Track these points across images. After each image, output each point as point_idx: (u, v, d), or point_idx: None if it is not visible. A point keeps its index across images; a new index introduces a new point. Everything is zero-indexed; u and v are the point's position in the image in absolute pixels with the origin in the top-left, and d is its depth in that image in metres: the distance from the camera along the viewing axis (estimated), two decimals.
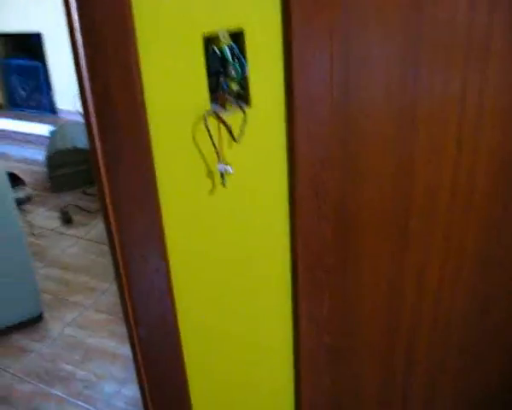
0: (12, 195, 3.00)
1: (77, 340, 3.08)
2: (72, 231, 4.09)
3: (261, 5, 1.01)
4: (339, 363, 1.60)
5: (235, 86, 1.05)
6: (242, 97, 1.06)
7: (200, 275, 1.17)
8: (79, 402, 2.70)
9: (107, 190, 1.02)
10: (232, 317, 1.26)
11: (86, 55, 0.93)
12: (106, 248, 2.48)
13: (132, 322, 1.14)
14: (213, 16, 0.99)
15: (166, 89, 1.01)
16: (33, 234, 4.09)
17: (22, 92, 5.79)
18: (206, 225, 1.13)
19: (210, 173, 1.09)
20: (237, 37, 1.03)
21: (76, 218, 4.23)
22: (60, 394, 2.76)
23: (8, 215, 2.96)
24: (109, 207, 1.04)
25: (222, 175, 1.08)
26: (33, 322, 3.19)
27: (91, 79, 0.95)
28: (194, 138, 1.06)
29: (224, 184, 1.08)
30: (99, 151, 1.00)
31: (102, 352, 2.95)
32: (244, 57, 1.03)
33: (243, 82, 1.05)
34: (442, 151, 1.50)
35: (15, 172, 4.60)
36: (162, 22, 0.97)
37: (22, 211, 4.34)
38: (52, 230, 4.12)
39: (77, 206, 4.34)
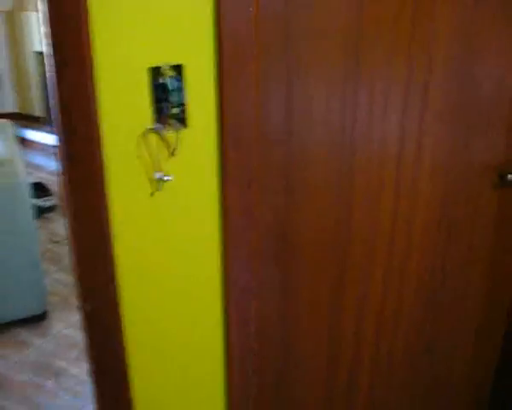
0: (35, 204, 3.29)
1: (75, 340, 3.32)
2: None
3: (199, 45, 1.26)
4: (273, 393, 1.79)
5: (175, 110, 1.29)
6: (181, 120, 1.30)
7: (142, 265, 1.39)
8: (69, 397, 2.92)
9: (66, 188, 1.27)
10: (169, 313, 1.48)
11: (53, 87, 1.18)
12: None
13: (82, 298, 1.36)
14: (159, 53, 1.24)
15: (118, 110, 1.25)
16: (52, 241, 4.38)
17: None
18: (146, 223, 1.36)
19: (150, 180, 1.32)
20: (179, 69, 1.27)
21: None
22: (52, 387, 2.99)
23: (26, 220, 3.25)
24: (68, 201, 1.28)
25: (159, 181, 1.31)
26: (37, 319, 3.46)
27: (58, 97, 1.20)
28: (139, 150, 1.30)
29: (159, 189, 1.31)
30: (63, 161, 1.25)
31: None
32: (183, 87, 1.27)
33: (182, 107, 1.29)
34: (381, 190, 1.68)
35: (44, 182, 4.94)
36: (117, 58, 1.22)
37: (45, 219, 4.65)
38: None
39: None
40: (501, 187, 1.76)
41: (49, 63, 1.18)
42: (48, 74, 1.23)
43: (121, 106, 1.24)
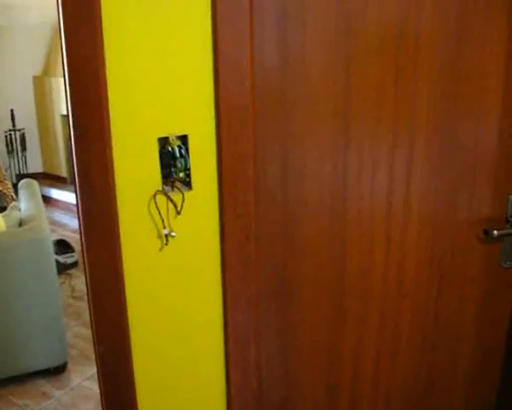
0: (58, 260, 3.51)
1: (92, 392, 3.48)
2: None
3: (201, 117, 1.47)
4: None
5: (181, 174, 1.49)
6: (187, 183, 1.50)
7: (150, 311, 1.57)
8: None
9: (85, 245, 1.46)
10: (174, 353, 1.65)
11: (76, 153, 1.40)
12: None
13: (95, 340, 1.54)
14: (166, 125, 1.45)
15: (131, 174, 1.46)
16: (73, 296, 4.58)
17: None
18: (155, 274, 1.54)
19: (159, 236, 1.51)
20: (184, 139, 1.47)
21: None
22: None
23: (49, 275, 3.46)
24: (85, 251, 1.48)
25: (166, 237, 1.50)
26: (57, 371, 3.63)
27: (78, 168, 1.41)
28: (149, 209, 1.49)
29: (167, 244, 1.50)
30: (81, 213, 1.45)
31: None
32: (188, 154, 1.48)
33: (187, 172, 1.49)
34: (372, 242, 1.85)
35: (67, 240, 5.18)
36: (132, 129, 1.43)
37: (67, 275, 4.87)
38: None
39: None
40: (487, 242, 1.91)
41: (72, 131, 1.39)
42: (70, 141, 1.44)
43: (134, 170, 1.45)
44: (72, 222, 6.19)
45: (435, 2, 1.63)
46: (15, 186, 4.93)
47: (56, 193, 6.60)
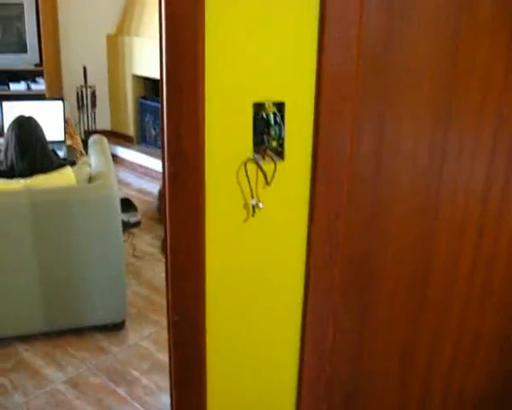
0: (121, 218, 3.51)
1: (148, 352, 3.48)
2: None
3: (300, 85, 1.38)
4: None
5: (274, 143, 1.40)
6: (279, 152, 1.41)
7: (229, 283, 1.51)
8: (138, 405, 3.06)
9: (168, 210, 1.40)
10: (250, 326, 1.58)
11: (167, 111, 1.33)
12: None
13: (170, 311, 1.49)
14: (263, 90, 1.37)
15: (222, 139, 1.39)
16: (135, 256, 4.60)
17: (153, 131, 6.50)
18: (237, 246, 1.47)
19: (246, 205, 1.44)
20: (280, 106, 1.38)
21: None
22: (123, 394, 3.15)
23: (115, 233, 3.46)
24: (168, 218, 1.41)
25: (253, 208, 1.43)
26: (115, 328, 3.64)
27: (168, 130, 1.34)
28: (237, 177, 1.42)
29: (253, 215, 1.43)
30: (167, 180, 1.38)
31: (167, 367, 3.32)
32: (283, 123, 1.39)
33: (281, 141, 1.40)
34: (463, 235, 1.74)
35: (131, 199, 5.20)
36: (227, 91, 1.35)
37: (130, 233, 4.88)
38: (151, 255, 4.63)
39: None
40: None
41: (164, 89, 1.32)
42: (162, 100, 1.37)
43: (226, 135, 1.37)
44: (137, 181, 6.22)
45: None
46: (84, 142, 4.96)
47: (122, 151, 6.63)
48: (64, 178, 3.48)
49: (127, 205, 5.07)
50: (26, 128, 3.50)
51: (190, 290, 1.45)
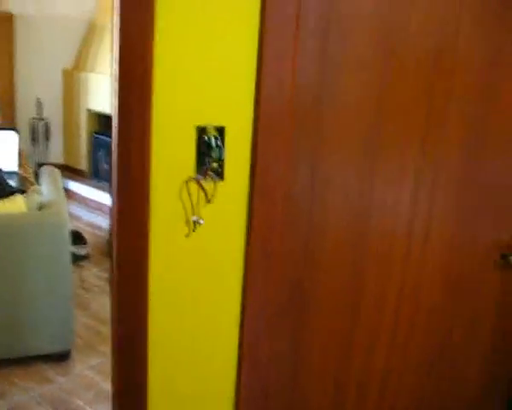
0: (70, 250, 3.59)
1: (94, 381, 3.53)
2: None
3: (240, 112, 1.54)
4: None
5: (215, 164, 1.56)
6: (219, 173, 1.57)
7: (171, 293, 1.63)
8: None
9: (116, 223, 1.53)
10: (189, 340, 1.71)
11: (118, 131, 1.47)
12: None
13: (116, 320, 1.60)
14: (206, 115, 1.53)
15: (167, 159, 1.53)
16: (83, 287, 4.65)
17: (105, 165, 6.59)
18: (179, 259, 1.61)
19: (187, 222, 1.58)
20: (221, 130, 1.54)
21: None
22: None
23: (63, 262, 3.53)
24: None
25: (194, 224, 1.57)
26: (61, 358, 3.68)
27: (119, 148, 1.48)
28: (180, 195, 1.56)
29: (194, 230, 1.57)
30: (115, 190, 1.52)
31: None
32: (223, 145, 1.55)
33: (221, 162, 1.56)
34: (390, 264, 1.90)
35: (81, 232, 5.26)
36: (172, 116, 1.51)
37: (79, 266, 4.93)
38: (99, 287, 4.69)
39: None
40: (503, 268, 1.96)
41: (116, 109, 1.47)
42: (114, 128, 1.51)
43: (170, 155, 1.52)
44: (88, 215, 6.27)
45: (473, 25, 1.69)
46: (35, 174, 5.02)
47: (74, 185, 6.69)
48: (15, 205, 3.56)
49: (77, 237, 5.13)
50: None
51: (133, 298, 1.57)
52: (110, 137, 5.01)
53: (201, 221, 1.56)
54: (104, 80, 6.22)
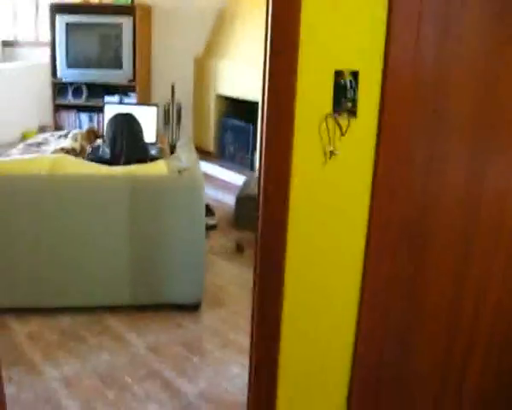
0: (205, 204, 4.01)
1: (221, 331, 3.94)
2: (240, 259, 5.08)
3: (371, 59, 1.82)
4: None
5: (349, 104, 1.84)
6: (353, 112, 1.85)
7: (308, 213, 1.94)
8: (210, 370, 3.50)
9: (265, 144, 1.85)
10: (322, 250, 2.00)
11: (269, 74, 1.79)
12: None
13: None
14: (343, 61, 1.82)
15: (309, 98, 1.83)
16: (212, 253, 5.10)
17: (231, 147, 7.06)
18: (317, 185, 1.91)
19: (325, 152, 1.87)
20: (355, 75, 1.82)
21: (247, 251, 5.21)
22: (197, 362, 3.60)
23: (198, 222, 3.96)
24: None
25: (330, 153, 1.86)
26: (191, 309, 4.12)
27: (269, 85, 1.80)
28: (319, 129, 1.86)
29: (330, 158, 1.86)
30: (265, 123, 1.84)
31: (237, 344, 3.77)
32: (357, 87, 1.83)
33: (354, 102, 1.84)
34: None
35: (209, 204, 5.72)
36: (314, 62, 1.81)
37: (207, 235, 5.39)
38: (225, 253, 5.12)
39: (251, 243, 5.32)
40: None
41: (268, 55, 1.78)
42: (265, 63, 1.83)
43: (312, 95, 1.82)
44: (214, 192, 6.75)
45: None
46: (171, 150, 5.52)
47: (202, 165, 7.20)
48: (158, 168, 4.03)
49: (206, 210, 5.58)
50: (134, 124, 4.11)
51: (276, 216, 1.89)
52: (238, 119, 5.44)
53: (337, 152, 1.85)
54: (232, 66, 6.67)
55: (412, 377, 2.21)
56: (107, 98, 6.94)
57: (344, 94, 1.83)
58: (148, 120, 4.54)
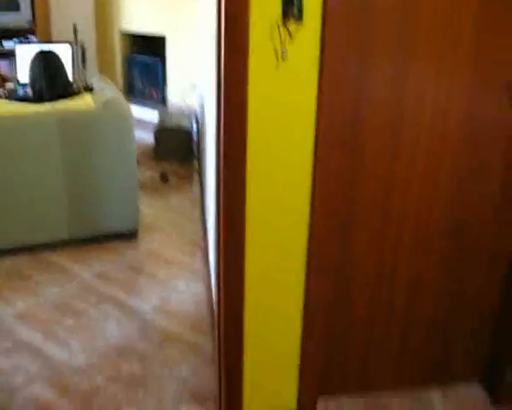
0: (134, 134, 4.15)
1: (160, 253, 4.17)
2: (166, 187, 5.28)
3: None
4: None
5: (295, 10, 2.07)
6: (299, 17, 2.09)
7: (264, 112, 2.18)
8: (159, 287, 3.73)
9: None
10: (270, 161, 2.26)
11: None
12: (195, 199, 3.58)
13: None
14: None
15: (262, 8, 2.05)
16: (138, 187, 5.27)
17: (140, 84, 7.11)
18: (272, 85, 2.14)
19: (276, 53, 2.11)
20: None
21: (171, 179, 5.41)
22: (142, 283, 3.82)
23: (129, 150, 4.09)
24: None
25: (282, 54, 2.10)
26: (129, 236, 4.31)
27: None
28: (271, 35, 2.09)
29: (283, 59, 2.10)
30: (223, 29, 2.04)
31: (176, 262, 4.03)
32: None
33: (300, 9, 2.08)
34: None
35: None
36: None
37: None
38: (154, 182, 5.33)
39: (173, 172, 5.51)
40: None
41: None
42: None
43: (264, 7, 2.04)
44: None
45: None
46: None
47: None
48: (84, 102, 4.11)
49: None
50: (53, 60, 4.13)
51: (237, 115, 2.12)
52: (144, 55, 5.55)
53: (286, 52, 2.09)
54: (136, 2, 6.68)
55: (353, 264, 2.58)
56: (6, 43, 6.74)
57: (291, 2, 2.06)
58: (63, 58, 4.54)
